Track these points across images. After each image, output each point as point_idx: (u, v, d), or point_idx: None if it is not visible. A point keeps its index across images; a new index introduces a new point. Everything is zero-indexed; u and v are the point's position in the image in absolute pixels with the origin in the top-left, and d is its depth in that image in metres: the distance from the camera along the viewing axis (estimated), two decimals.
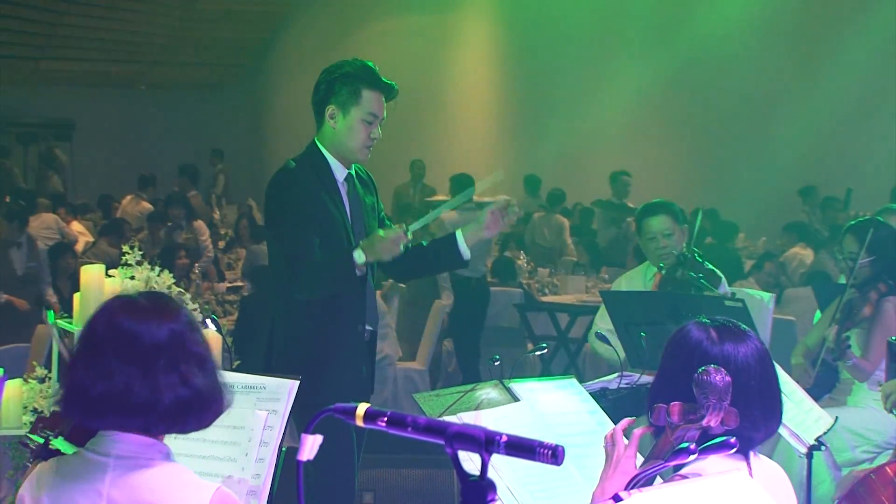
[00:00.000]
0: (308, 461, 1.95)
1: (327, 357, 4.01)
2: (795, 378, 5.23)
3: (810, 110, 13.38)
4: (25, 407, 4.32)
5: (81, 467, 2.28)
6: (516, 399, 3.36)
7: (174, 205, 11.73)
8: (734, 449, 2.39)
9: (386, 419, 1.87)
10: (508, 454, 1.77)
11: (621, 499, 2.13)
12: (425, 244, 4.30)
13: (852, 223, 5.60)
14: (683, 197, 13.11)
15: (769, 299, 6.63)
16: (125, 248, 4.81)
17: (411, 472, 5.36)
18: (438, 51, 18.35)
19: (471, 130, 18.13)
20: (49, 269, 9.07)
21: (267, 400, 2.94)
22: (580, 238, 12.51)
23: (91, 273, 4.40)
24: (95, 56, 20.29)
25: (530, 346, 8.45)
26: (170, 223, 11.26)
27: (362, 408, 1.90)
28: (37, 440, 2.54)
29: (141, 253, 4.79)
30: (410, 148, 15.60)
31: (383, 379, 7.36)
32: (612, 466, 2.56)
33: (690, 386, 2.44)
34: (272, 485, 2.84)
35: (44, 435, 2.49)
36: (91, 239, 11.90)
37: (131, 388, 2.21)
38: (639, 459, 2.61)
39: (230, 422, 2.90)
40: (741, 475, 2.40)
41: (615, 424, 3.38)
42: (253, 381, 2.99)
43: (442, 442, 1.80)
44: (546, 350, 5.35)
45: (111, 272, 4.65)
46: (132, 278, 4.69)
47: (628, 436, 2.61)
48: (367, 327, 4.14)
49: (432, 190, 15.19)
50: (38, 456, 2.45)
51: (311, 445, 1.95)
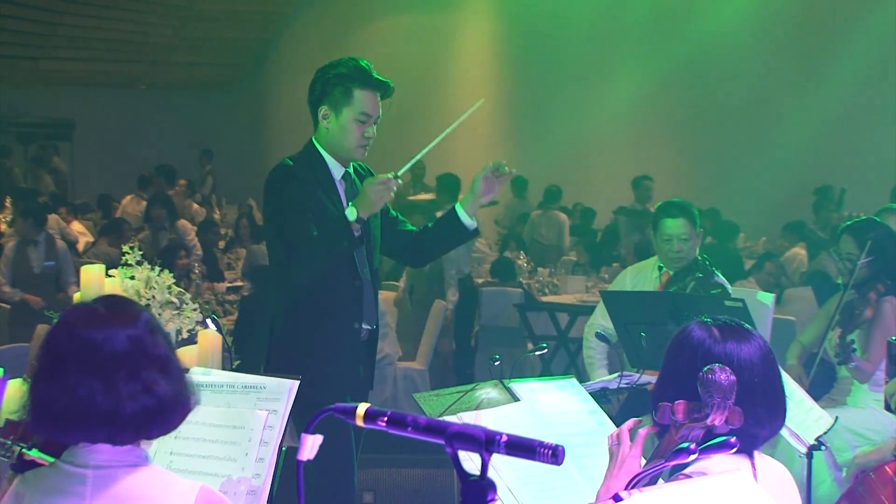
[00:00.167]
0: (308, 461, 1.95)
1: (323, 355, 4.01)
2: (792, 378, 5.24)
3: (811, 110, 13.38)
4: (25, 406, 4.30)
5: (61, 480, 2.26)
6: (516, 399, 3.36)
7: (156, 205, 11.55)
8: (734, 449, 2.39)
9: (386, 419, 1.87)
10: (508, 454, 1.77)
11: (621, 498, 2.13)
12: (433, 225, 4.31)
13: (849, 223, 5.58)
14: (683, 196, 13.14)
15: (769, 299, 6.64)
16: (125, 248, 4.82)
17: (411, 472, 5.36)
18: (438, 51, 18.34)
19: (471, 130, 18.11)
20: (74, 268, 9.02)
21: (267, 400, 2.94)
22: (580, 238, 12.51)
23: (91, 273, 4.40)
24: (95, 56, 20.29)
25: (530, 346, 8.45)
26: (154, 224, 11.12)
27: (362, 408, 1.90)
28: (11, 446, 2.50)
29: (141, 253, 4.79)
30: (410, 148, 15.54)
31: (383, 378, 7.36)
32: (618, 465, 2.56)
33: (694, 385, 2.44)
34: (272, 485, 2.83)
35: (18, 446, 2.47)
36: (91, 239, 11.91)
37: (94, 401, 2.19)
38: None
39: (230, 422, 2.90)
40: (741, 475, 2.40)
41: (616, 425, 3.40)
42: (253, 381, 2.99)
43: (442, 442, 1.80)
44: (546, 350, 5.34)
45: (111, 272, 4.66)
46: (132, 278, 4.69)
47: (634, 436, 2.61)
48: (365, 326, 4.13)
49: (432, 190, 15.18)
50: (14, 469, 2.42)
51: (311, 445, 1.95)
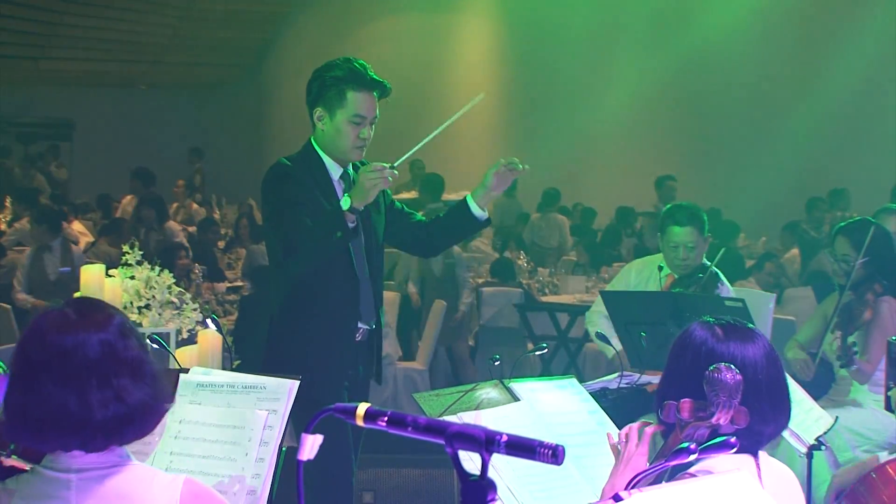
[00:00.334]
0: (308, 461, 1.95)
1: (318, 355, 4.00)
2: (792, 372, 5.25)
3: (811, 110, 13.38)
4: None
5: (45, 487, 2.25)
6: (516, 399, 3.36)
7: (144, 206, 11.28)
8: (734, 448, 2.39)
9: (386, 419, 1.87)
10: (509, 454, 1.76)
11: (621, 498, 2.12)
12: (444, 216, 4.31)
13: (842, 224, 5.56)
14: (684, 196, 13.14)
15: (769, 299, 6.64)
16: (125, 248, 4.82)
17: (411, 472, 5.36)
18: (438, 51, 18.35)
19: (471, 130, 18.12)
20: None
21: (267, 400, 2.94)
22: (580, 238, 12.50)
23: (91, 273, 4.40)
24: (95, 56, 20.30)
25: (530, 346, 8.45)
26: (143, 225, 10.93)
27: (362, 407, 1.90)
28: None
29: (141, 253, 4.79)
30: (410, 147, 15.58)
31: (383, 378, 7.35)
32: (624, 463, 2.56)
33: (697, 384, 2.45)
34: (272, 485, 2.83)
35: None
36: (91, 239, 11.89)
37: (66, 410, 2.18)
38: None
39: (230, 422, 2.89)
40: (741, 474, 2.40)
41: (615, 424, 3.40)
42: (253, 381, 2.98)
43: (442, 442, 1.80)
44: (546, 350, 5.34)
45: (111, 272, 4.66)
46: (132, 278, 4.69)
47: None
48: (363, 325, 4.13)
49: None
50: None
51: (311, 445, 1.95)
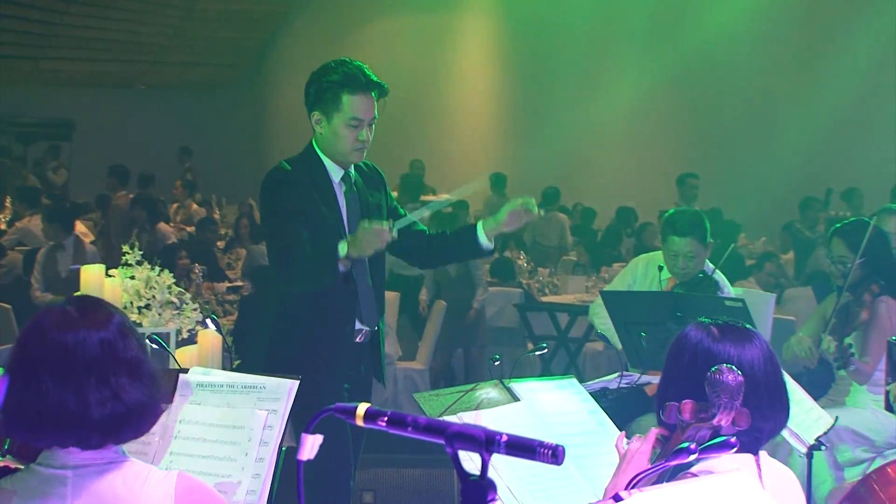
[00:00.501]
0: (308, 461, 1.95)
1: (319, 356, 4.00)
2: (793, 359, 5.25)
3: (811, 110, 13.38)
4: None
5: (41, 484, 2.25)
6: (516, 399, 3.36)
7: (137, 206, 11.22)
8: (734, 448, 2.39)
9: (386, 419, 1.87)
10: (509, 454, 1.76)
11: (621, 498, 2.12)
12: (450, 234, 4.34)
13: (839, 226, 5.55)
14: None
15: (769, 299, 6.64)
16: (125, 248, 4.81)
17: (411, 472, 5.36)
18: (438, 51, 18.35)
19: (471, 130, 18.13)
20: None
21: (267, 400, 2.94)
22: (580, 238, 12.50)
23: (91, 273, 4.40)
24: (95, 56, 20.30)
25: (530, 346, 8.44)
26: (135, 225, 10.86)
27: (362, 407, 1.90)
28: None
29: (141, 253, 4.79)
30: (410, 148, 15.60)
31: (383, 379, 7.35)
32: (626, 462, 2.56)
33: (695, 385, 2.45)
34: (272, 485, 2.83)
35: None
36: (92, 238, 11.89)
37: (65, 407, 2.20)
38: None
39: (230, 422, 2.89)
40: (740, 474, 2.40)
41: (615, 424, 3.40)
42: (253, 381, 2.98)
43: (442, 442, 1.80)
44: (546, 350, 5.34)
45: (111, 272, 4.66)
46: (132, 278, 4.69)
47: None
48: (363, 327, 4.12)
49: (432, 190, 15.20)
50: None
51: (311, 445, 1.95)
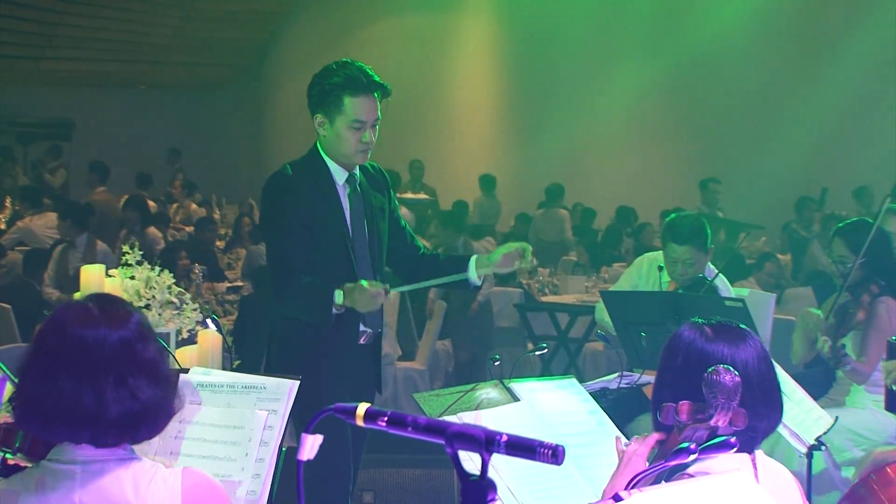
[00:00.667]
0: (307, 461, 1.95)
1: (324, 359, 4.01)
2: (794, 368, 5.25)
3: (811, 110, 13.38)
4: (11, 403, 4.29)
5: (49, 479, 2.27)
6: (516, 399, 3.36)
7: (129, 207, 10.96)
8: (734, 448, 2.39)
9: (386, 419, 1.87)
10: (509, 454, 1.77)
11: (621, 498, 2.13)
12: (442, 259, 4.34)
13: (840, 226, 5.56)
14: (683, 196, 13.15)
15: (769, 299, 6.64)
16: (125, 248, 4.81)
17: (411, 472, 5.36)
18: (438, 51, 18.35)
19: (471, 130, 18.12)
20: None
21: (267, 400, 2.94)
22: (580, 238, 12.51)
23: (91, 273, 4.40)
24: (95, 56, 20.29)
25: (530, 346, 8.44)
26: (126, 226, 10.71)
27: (362, 408, 1.90)
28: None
29: (141, 253, 4.79)
30: (410, 148, 15.62)
31: (383, 378, 7.36)
32: (624, 463, 2.56)
33: (689, 385, 2.46)
34: (272, 485, 2.83)
35: (1, 451, 2.46)
36: None
37: (81, 403, 2.21)
38: None
39: (230, 422, 2.89)
40: (740, 474, 2.40)
41: (615, 424, 3.40)
42: (253, 381, 2.99)
43: (442, 442, 1.80)
44: (546, 350, 5.34)
45: (111, 272, 4.66)
46: (132, 278, 4.69)
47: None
48: (367, 329, 4.13)
49: (431, 190, 15.18)
50: None
51: (311, 445, 1.95)
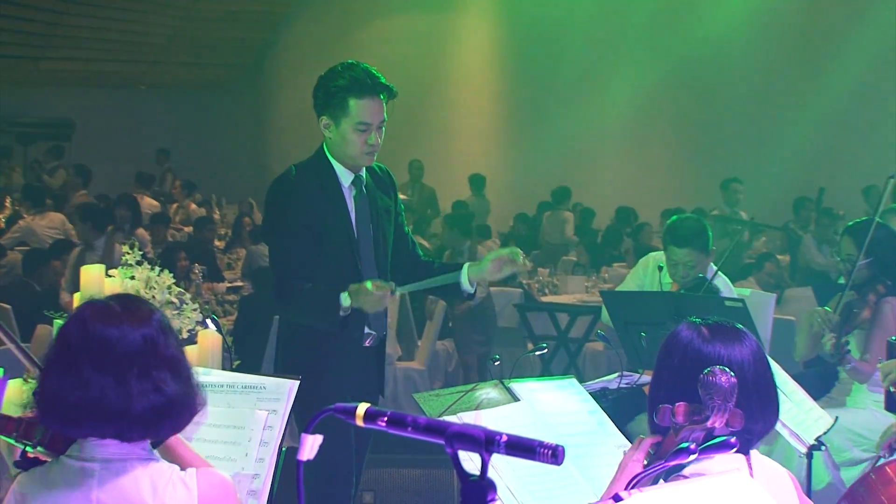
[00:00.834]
0: (308, 461, 1.95)
1: (329, 362, 4.01)
2: (795, 368, 5.25)
3: (811, 110, 13.39)
4: (25, 407, 4.30)
5: (67, 475, 2.28)
6: (516, 399, 3.36)
7: (121, 205, 10.83)
8: (734, 449, 2.39)
9: (386, 419, 1.87)
10: (508, 454, 1.77)
11: (621, 498, 2.13)
12: (436, 266, 4.32)
13: (849, 224, 5.57)
14: (683, 196, 13.15)
15: (769, 299, 6.64)
16: (125, 248, 4.81)
17: (411, 472, 5.36)
18: (438, 51, 18.35)
19: (471, 130, 18.12)
20: None
21: (267, 400, 2.94)
22: (580, 238, 12.51)
23: (91, 273, 4.40)
24: (95, 56, 20.29)
25: (530, 346, 8.44)
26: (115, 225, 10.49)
27: (362, 408, 1.90)
28: (11, 443, 2.50)
29: (141, 253, 4.78)
30: (410, 148, 15.60)
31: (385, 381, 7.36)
32: (621, 469, 2.56)
33: (687, 385, 2.45)
34: (272, 485, 2.84)
35: (22, 443, 2.47)
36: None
37: (106, 397, 2.22)
38: None
39: (230, 422, 2.90)
40: (741, 475, 2.40)
41: (615, 424, 3.40)
42: (253, 381, 2.99)
43: (442, 442, 1.80)
44: (546, 350, 5.34)
45: (111, 272, 4.65)
46: (132, 278, 4.68)
47: None
48: (371, 332, 4.13)
49: (431, 190, 15.18)
50: (18, 466, 2.44)
51: (311, 445, 1.95)
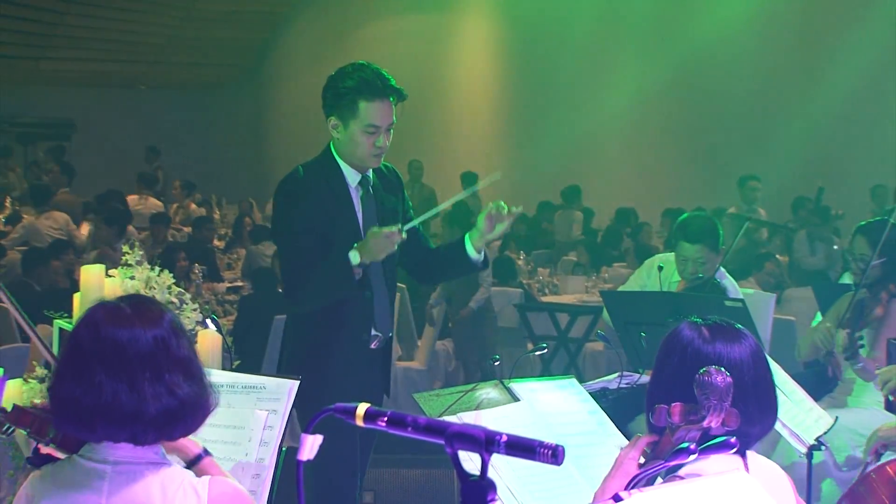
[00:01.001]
0: (309, 461, 1.95)
1: (336, 364, 4.00)
2: (795, 368, 5.24)
3: (812, 110, 13.38)
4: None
5: (78, 475, 2.28)
6: (516, 399, 3.36)
7: (109, 202, 10.93)
8: (734, 449, 2.39)
9: (386, 419, 1.87)
10: (508, 454, 1.77)
11: (621, 499, 2.13)
12: (443, 249, 4.26)
13: (862, 224, 5.58)
14: (683, 196, 13.15)
15: (769, 299, 6.64)
16: (125, 248, 4.81)
17: (411, 472, 5.36)
18: (438, 51, 18.35)
19: (471, 130, 18.12)
20: None
21: (267, 400, 2.94)
22: (581, 238, 12.52)
23: (91, 273, 4.40)
24: (95, 56, 20.29)
25: (530, 346, 8.44)
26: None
27: (362, 408, 1.90)
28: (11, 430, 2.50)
29: (141, 253, 4.78)
30: (410, 148, 15.59)
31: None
32: (616, 467, 2.56)
33: (686, 385, 2.45)
34: (272, 485, 2.84)
35: (35, 439, 2.47)
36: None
37: (119, 402, 2.22)
38: None
39: (230, 422, 2.89)
40: (742, 475, 2.40)
41: (615, 424, 3.40)
42: (253, 381, 2.99)
43: (442, 442, 1.80)
44: (546, 350, 5.34)
45: (111, 272, 4.65)
46: (132, 278, 4.68)
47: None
48: (378, 334, 4.12)
49: (431, 190, 15.18)
50: (31, 463, 2.44)
51: (311, 445, 1.95)
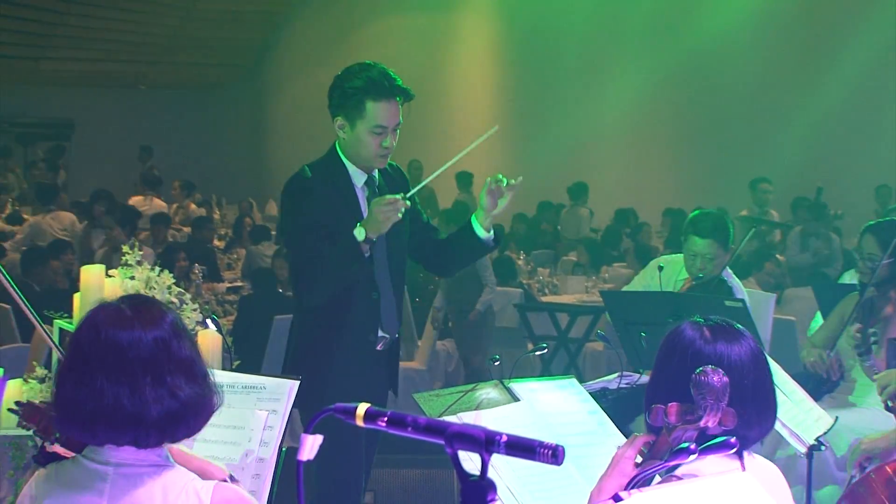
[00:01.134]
0: (311, 462, 1.95)
1: (341, 364, 3.99)
2: (808, 372, 5.23)
3: (811, 110, 13.39)
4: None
5: (81, 475, 2.28)
6: (516, 399, 3.36)
7: (99, 201, 10.80)
8: (734, 449, 2.39)
9: (386, 419, 1.87)
10: (508, 454, 1.77)
11: (621, 499, 2.13)
12: (452, 237, 4.26)
13: (871, 223, 5.59)
14: (683, 196, 13.15)
15: (769, 299, 6.65)
16: (125, 248, 4.81)
17: (411, 472, 5.36)
18: (438, 51, 18.34)
19: (470, 130, 18.11)
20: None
21: (267, 400, 2.94)
22: (581, 238, 12.53)
23: (91, 273, 4.40)
24: (95, 56, 20.27)
25: (530, 346, 8.44)
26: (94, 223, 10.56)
27: (362, 408, 1.90)
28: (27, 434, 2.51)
29: (141, 253, 4.78)
30: (409, 148, 15.56)
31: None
32: (612, 466, 2.56)
33: (686, 385, 2.45)
34: (272, 485, 2.84)
35: (40, 437, 2.48)
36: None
37: (121, 407, 2.21)
38: None
39: (230, 422, 2.90)
40: (742, 475, 2.40)
41: (615, 424, 3.40)
42: (253, 381, 2.99)
43: (442, 442, 1.80)
44: (546, 350, 5.34)
45: (111, 272, 4.65)
46: (132, 278, 4.68)
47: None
48: (384, 335, 4.12)
49: (431, 190, 15.16)
50: (37, 461, 2.44)
51: (311, 445, 1.95)
